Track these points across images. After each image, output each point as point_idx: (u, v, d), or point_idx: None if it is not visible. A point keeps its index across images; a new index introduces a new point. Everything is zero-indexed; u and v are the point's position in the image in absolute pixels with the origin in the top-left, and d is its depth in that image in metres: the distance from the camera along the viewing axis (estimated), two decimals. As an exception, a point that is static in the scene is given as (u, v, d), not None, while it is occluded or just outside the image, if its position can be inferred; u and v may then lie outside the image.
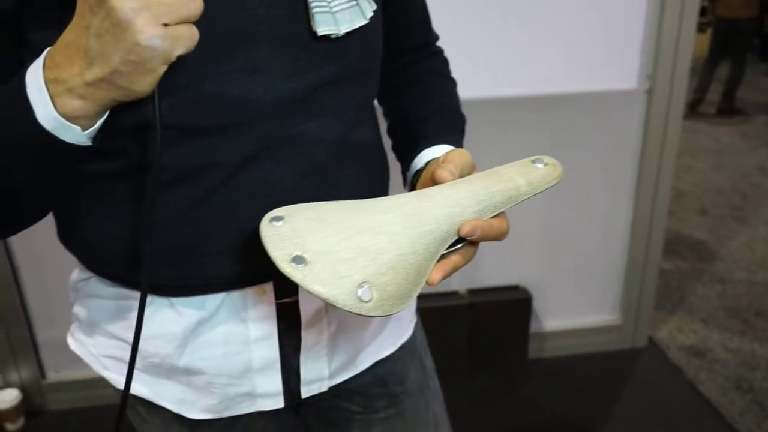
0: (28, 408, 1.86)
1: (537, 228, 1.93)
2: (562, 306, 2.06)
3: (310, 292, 0.46)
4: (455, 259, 0.55)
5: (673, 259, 2.74)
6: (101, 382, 0.69)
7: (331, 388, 0.71)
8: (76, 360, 0.69)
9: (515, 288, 1.99)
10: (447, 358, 0.84)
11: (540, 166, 0.61)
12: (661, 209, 1.98)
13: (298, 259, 0.47)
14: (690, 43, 1.81)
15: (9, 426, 1.82)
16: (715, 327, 2.26)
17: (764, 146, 4.29)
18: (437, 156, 0.65)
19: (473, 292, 1.94)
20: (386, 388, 0.76)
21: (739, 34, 4.98)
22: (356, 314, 0.47)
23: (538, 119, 1.82)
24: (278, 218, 0.51)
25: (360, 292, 0.47)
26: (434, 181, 0.58)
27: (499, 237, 0.57)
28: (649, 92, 1.85)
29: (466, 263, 0.57)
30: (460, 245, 0.56)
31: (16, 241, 1.71)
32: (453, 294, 1.93)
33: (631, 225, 1.99)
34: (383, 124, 0.77)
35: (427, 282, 0.53)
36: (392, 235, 0.51)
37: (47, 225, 0.61)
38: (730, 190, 3.53)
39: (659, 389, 1.94)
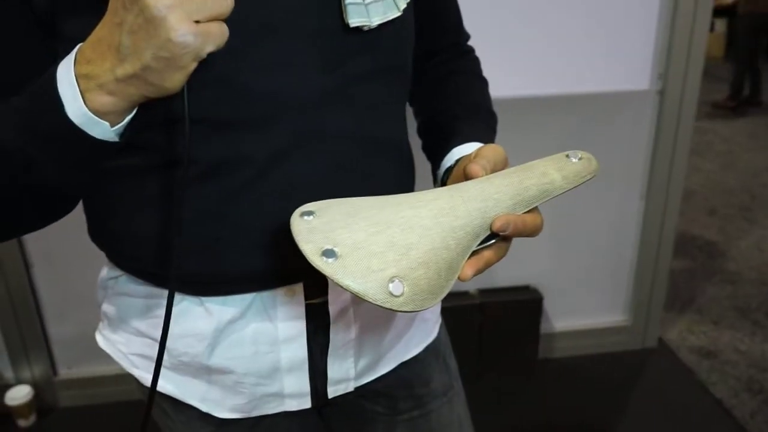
0: (39, 404, 1.87)
1: (548, 228, 1.92)
2: (572, 306, 2.06)
3: (340, 286, 0.46)
4: (487, 255, 0.55)
5: (683, 260, 2.73)
6: (113, 379, 0.70)
7: (356, 389, 0.71)
8: (88, 357, 0.69)
9: (526, 288, 1.99)
10: (458, 358, 0.84)
11: (575, 160, 0.60)
12: (672, 210, 1.97)
13: (328, 253, 0.47)
14: (702, 43, 1.81)
15: (21, 422, 1.83)
16: (725, 328, 2.25)
17: (772, 146, 4.28)
18: (468, 153, 0.64)
19: (484, 292, 1.94)
20: (411, 389, 0.76)
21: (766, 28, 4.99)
22: (387, 309, 0.47)
23: (550, 120, 1.82)
24: (309, 212, 0.51)
25: (391, 286, 0.47)
26: (466, 177, 0.57)
27: (533, 232, 0.56)
28: (661, 93, 1.84)
29: (499, 260, 0.56)
30: (492, 241, 0.55)
31: (29, 238, 1.72)
32: (464, 294, 1.93)
33: (642, 226, 1.99)
34: (412, 124, 0.77)
35: (459, 278, 0.52)
36: (424, 230, 0.50)
37: (61, 222, 0.61)
38: (739, 190, 3.52)
39: (670, 390, 1.94)
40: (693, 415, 1.83)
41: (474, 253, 0.54)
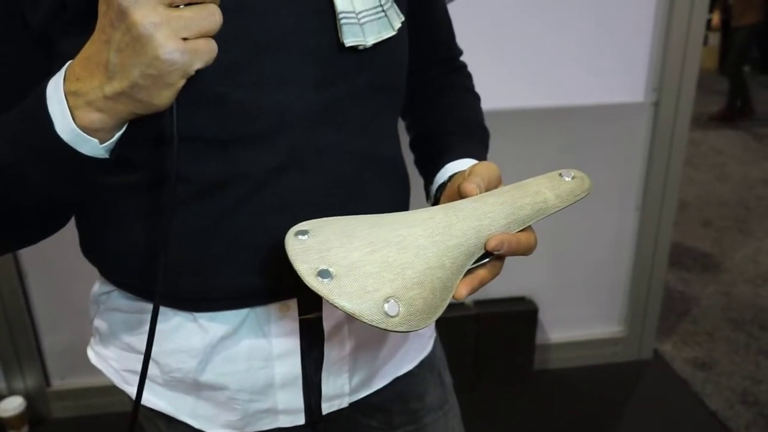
0: (32, 415, 1.85)
1: (543, 240, 1.92)
2: (567, 317, 2.06)
3: (335, 307, 0.46)
4: (482, 273, 0.55)
5: (678, 271, 2.74)
6: (106, 391, 0.69)
7: (351, 404, 0.71)
8: (82, 368, 0.69)
9: (521, 299, 1.99)
10: (453, 369, 0.84)
11: (568, 179, 0.60)
12: (667, 222, 1.98)
13: (324, 273, 0.47)
14: (697, 56, 1.82)
15: (13, 433, 1.82)
16: (720, 339, 2.25)
17: (767, 158, 4.30)
18: (462, 169, 0.65)
19: (479, 303, 1.94)
20: (406, 404, 0.76)
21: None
22: (382, 329, 0.47)
23: (545, 131, 1.83)
24: (304, 232, 0.50)
25: (387, 306, 0.47)
26: (460, 195, 0.57)
27: (526, 251, 0.56)
28: (656, 105, 1.85)
29: (493, 278, 0.56)
30: (487, 259, 0.55)
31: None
32: (460, 305, 1.93)
33: (637, 237, 1.99)
34: (404, 139, 0.77)
35: (453, 297, 0.52)
36: (419, 249, 0.50)
37: (56, 233, 0.61)
38: (733, 202, 3.54)
39: (665, 402, 1.94)
40: (688, 427, 1.83)
41: (469, 271, 0.54)
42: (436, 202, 0.67)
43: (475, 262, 0.54)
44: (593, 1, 1.72)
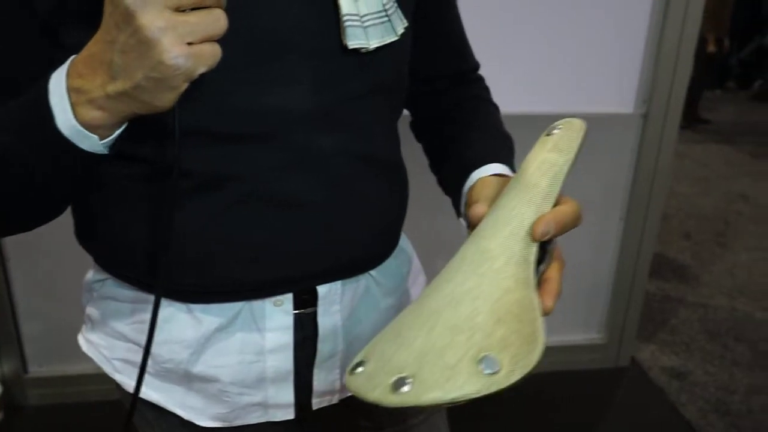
0: (8, 402, 1.83)
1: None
2: (548, 323, 2.05)
3: (436, 406, 0.39)
4: (553, 274, 0.50)
5: (657, 282, 2.78)
6: (84, 379, 0.69)
7: (341, 401, 0.71)
8: (61, 355, 0.68)
9: (504, 303, 2.00)
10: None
11: (557, 131, 0.55)
12: (650, 233, 2.01)
13: (398, 383, 0.40)
14: (687, 70, 1.85)
15: (-12, 419, 1.79)
16: (696, 350, 2.29)
17: (748, 175, 4.38)
18: (490, 173, 0.63)
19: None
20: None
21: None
22: (496, 392, 0.39)
23: (534, 137, 1.84)
24: (359, 364, 0.45)
25: (482, 367, 0.40)
26: (473, 223, 0.55)
27: (576, 219, 0.51)
28: (645, 117, 1.88)
29: (562, 269, 0.51)
30: (548, 256, 0.49)
31: (6, 232, 1.69)
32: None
33: (620, 247, 2.02)
34: (416, 151, 0.76)
35: (544, 313, 0.46)
36: (473, 292, 0.44)
37: None
38: (714, 216, 3.60)
39: (641, 409, 1.97)
40: (662, 436, 1.86)
41: (539, 280, 0.48)
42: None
43: (537, 266, 0.48)
44: (587, 11, 1.74)
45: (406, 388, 0.40)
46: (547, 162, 0.52)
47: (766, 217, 3.59)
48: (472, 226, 0.54)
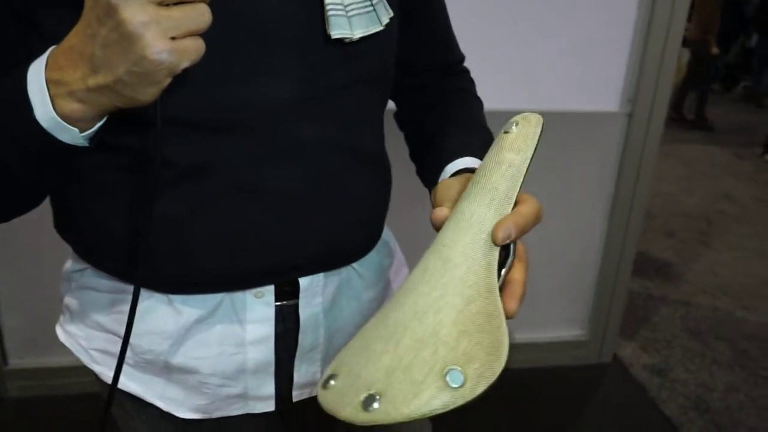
0: (-13, 394, 1.82)
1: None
2: (532, 319, 2.10)
3: (405, 421, 0.40)
4: (517, 276, 0.50)
5: (640, 280, 2.81)
6: (64, 371, 0.68)
7: (321, 393, 0.71)
8: (41, 347, 0.67)
9: (489, 299, 2.01)
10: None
11: (514, 128, 0.54)
12: (634, 231, 2.03)
13: (367, 402, 0.41)
14: (671, 70, 1.86)
15: (-34, 411, 1.77)
16: (677, 348, 2.32)
17: (731, 175, 4.43)
18: (465, 167, 0.63)
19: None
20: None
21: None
22: (463, 404, 0.40)
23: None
24: (330, 377, 0.46)
25: (449, 380, 0.40)
26: (436, 227, 0.54)
27: (537, 219, 0.51)
28: (630, 116, 1.90)
29: (526, 271, 0.51)
30: (510, 259, 0.49)
31: (-13, 222, 1.67)
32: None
33: (604, 244, 2.04)
34: (400, 144, 0.76)
35: (507, 317, 0.46)
36: (436, 304, 0.44)
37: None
38: (697, 215, 3.64)
39: (622, 405, 1.99)
40: (643, 431, 1.88)
41: (503, 285, 0.48)
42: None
43: (499, 270, 0.48)
44: (574, 10, 1.74)
45: (376, 405, 0.40)
46: (504, 162, 0.52)
47: (748, 217, 3.64)
48: (435, 228, 0.54)
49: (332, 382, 0.45)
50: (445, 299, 0.45)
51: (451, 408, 0.40)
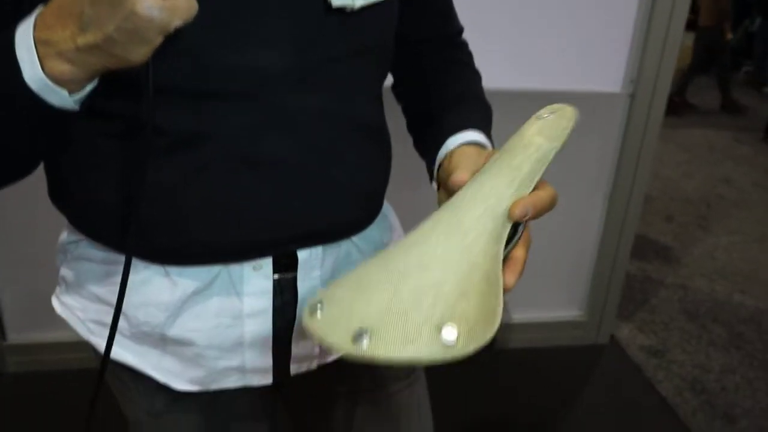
0: (-15, 369, 1.82)
1: (513, 222, 1.96)
2: (530, 299, 2.10)
3: (390, 364, 0.40)
4: (519, 253, 0.50)
5: (639, 262, 2.81)
6: (62, 347, 0.68)
7: (318, 367, 0.71)
8: (39, 323, 0.67)
9: (487, 279, 2.01)
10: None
11: (549, 116, 0.55)
12: (634, 213, 2.02)
13: (358, 336, 0.41)
14: (675, 51, 1.85)
15: (-35, 386, 1.78)
16: (674, 329, 2.33)
17: (730, 159, 4.42)
18: (465, 141, 0.62)
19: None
20: (373, 370, 0.76)
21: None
22: (450, 360, 0.40)
23: (520, 114, 1.83)
24: (317, 305, 0.45)
25: (443, 336, 0.40)
26: (452, 189, 0.54)
27: (552, 205, 0.52)
28: (632, 97, 1.88)
29: (527, 251, 0.52)
30: (516, 237, 0.50)
31: (-17, 197, 1.66)
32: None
33: (604, 226, 2.03)
34: (401, 120, 0.76)
35: (504, 289, 0.47)
36: (443, 260, 0.45)
37: (15, 185, 0.59)
38: (696, 199, 3.63)
39: (618, 385, 2.00)
40: (638, 411, 1.89)
41: (506, 257, 0.49)
42: (440, 181, 0.64)
43: (506, 244, 0.49)
44: (579, -12, 1.72)
45: (365, 341, 0.41)
46: (533, 146, 0.52)
47: (747, 201, 3.63)
48: (450, 193, 0.53)
49: (320, 311, 0.45)
50: (451, 258, 0.45)
51: (437, 362, 0.40)
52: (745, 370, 2.10)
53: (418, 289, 0.43)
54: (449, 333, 0.41)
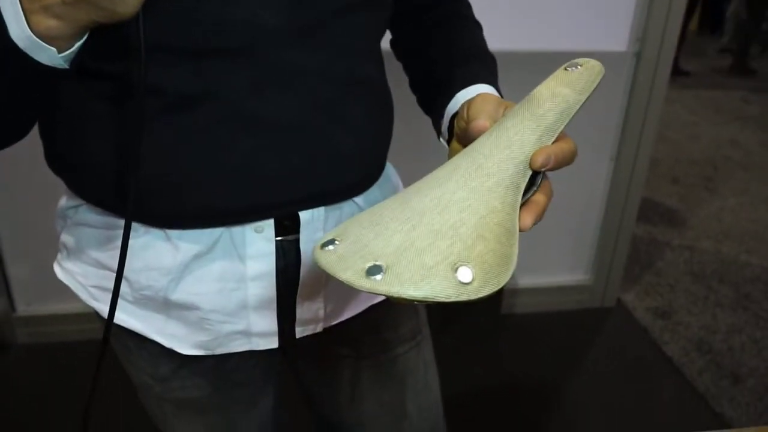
0: (-4, 341, 1.84)
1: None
2: (536, 264, 2.09)
3: (404, 300, 0.40)
4: (539, 198, 0.50)
5: (644, 225, 2.79)
6: (73, 318, 0.67)
7: (324, 330, 0.71)
8: (48, 294, 0.66)
9: (492, 244, 2.01)
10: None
11: (578, 68, 0.54)
12: (640, 175, 2.00)
13: (373, 270, 0.40)
14: (681, 9, 1.80)
15: (-24, 359, 1.80)
16: (680, 291, 2.33)
17: (737, 120, 4.36)
18: (473, 96, 0.60)
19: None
20: (379, 333, 0.76)
21: None
22: (464, 302, 0.40)
23: (525, 75, 1.80)
24: (330, 241, 0.44)
25: (459, 275, 0.40)
26: (472, 136, 0.53)
27: (572, 159, 0.51)
28: (638, 55, 1.84)
29: (549, 201, 0.51)
30: (535, 188, 0.50)
31: (-15, 170, 1.65)
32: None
33: (609, 188, 2.01)
34: (403, 78, 0.74)
35: (520, 229, 0.47)
36: (462, 203, 0.45)
37: (21, 153, 0.57)
38: (702, 161, 3.60)
39: (625, 348, 2.01)
40: (645, 371, 1.90)
41: (523, 204, 0.49)
42: (450, 136, 0.62)
43: (525, 193, 0.49)
44: (584, -57, 1.68)
45: (379, 276, 0.40)
46: (560, 96, 0.52)
47: (754, 163, 3.60)
48: (467, 141, 0.53)
49: (332, 246, 0.44)
50: (470, 201, 0.45)
51: (451, 301, 0.40)
52: (751, 330, 2.11)
53: (436, 229, 0.43)
54: (465, 273, 0.41)
